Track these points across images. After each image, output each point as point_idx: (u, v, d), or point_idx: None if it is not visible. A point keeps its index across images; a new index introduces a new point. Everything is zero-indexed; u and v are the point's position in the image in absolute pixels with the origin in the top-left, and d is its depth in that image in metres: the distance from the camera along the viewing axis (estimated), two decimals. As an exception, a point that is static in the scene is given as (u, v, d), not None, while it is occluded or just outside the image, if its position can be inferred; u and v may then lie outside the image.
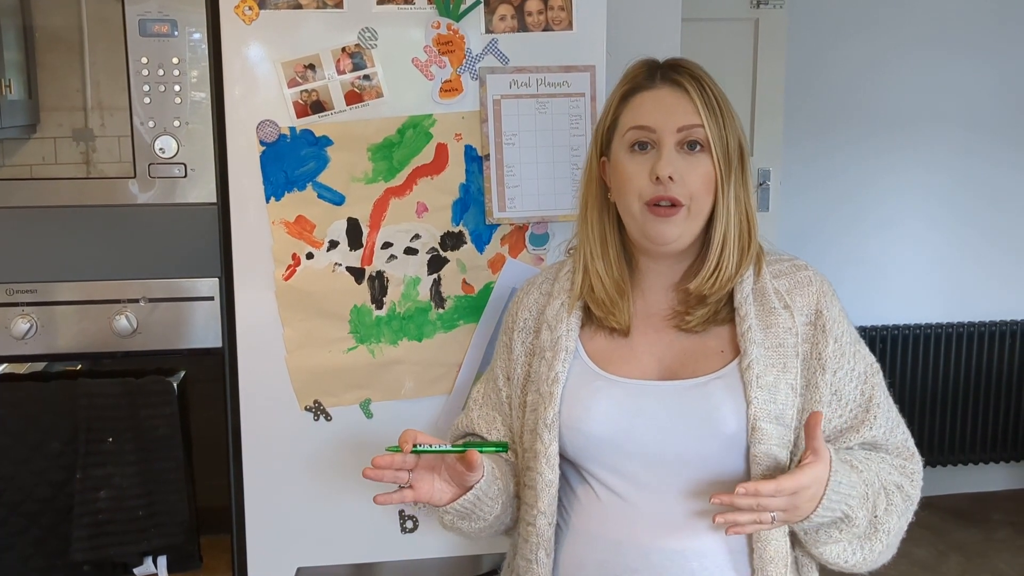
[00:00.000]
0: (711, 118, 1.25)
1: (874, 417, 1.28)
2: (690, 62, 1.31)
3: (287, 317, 1.61)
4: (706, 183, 1.25)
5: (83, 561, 1.62)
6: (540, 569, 1.29)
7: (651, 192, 1.24)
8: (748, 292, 1.28)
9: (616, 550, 1.25)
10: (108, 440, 1.60)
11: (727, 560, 1.23)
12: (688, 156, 1.25)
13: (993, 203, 3.61)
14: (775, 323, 1.27)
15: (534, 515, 1.29)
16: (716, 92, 1.27)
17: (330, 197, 1.60)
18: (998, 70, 3.54)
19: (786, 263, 1.33)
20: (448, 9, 1.57)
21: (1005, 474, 3.77)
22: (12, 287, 1.61)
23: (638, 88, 1.29)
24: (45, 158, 1.64)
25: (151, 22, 1.57)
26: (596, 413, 1.26)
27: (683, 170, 1.24)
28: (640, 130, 1.26)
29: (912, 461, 1.31)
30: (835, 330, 1.28)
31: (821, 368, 1.26)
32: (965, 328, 3.59)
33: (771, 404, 1.22)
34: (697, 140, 1.25)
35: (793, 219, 3.48)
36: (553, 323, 1.34)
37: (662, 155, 1.24)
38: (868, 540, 1.24)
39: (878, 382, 1.30)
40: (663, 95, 1.28)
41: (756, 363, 1.23)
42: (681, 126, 1.25)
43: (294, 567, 1.68)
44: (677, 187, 1.24)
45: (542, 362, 1.32)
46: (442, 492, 1.26)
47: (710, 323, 1.29)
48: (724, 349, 1.27)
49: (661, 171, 1.23)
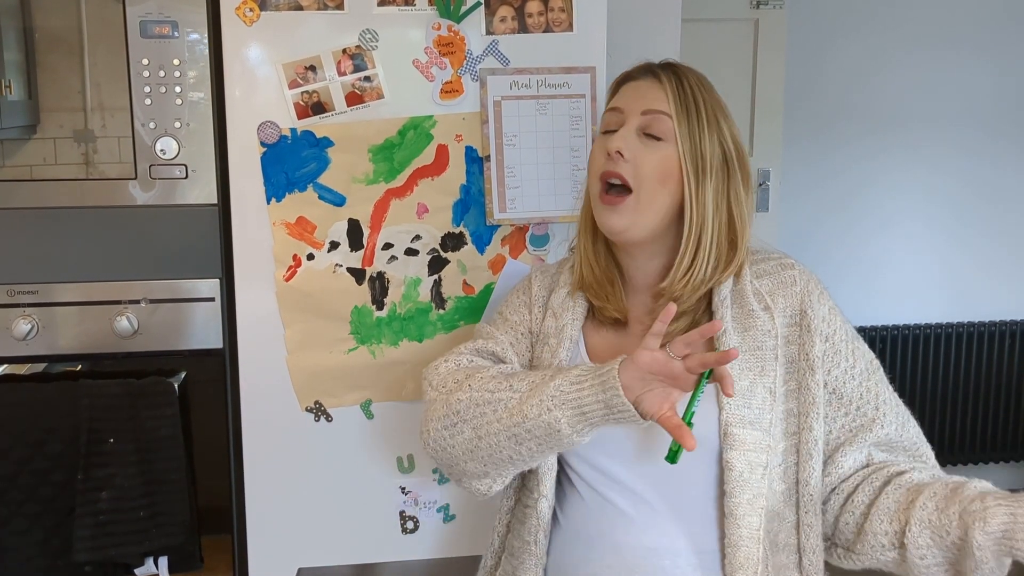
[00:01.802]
0: (682, 113, 1.25)
1: (883, 415, 1.27)
2: (685, 66, 1.31)
3: (288, 318, 1.61)
4: (660, 172, 1.24)
5: (85, 561, 1.62)
6: (538, 550, 1.30)
7: (602, 167, 1.26)
8: (726, 295, 1.28)
9: (593, 546, 1.26)
10: (109, 441, 1.60)
11: (697, 561, 1.23)
12: (648, 141, 1.25)
13: (993, 202, 3.61)
14: (753, 325, 1.26)
15: (535, 498, 1.31)
16: (697, 93, 1.26)
17: (331, 198, 1.60)
18: (998, 69, 3.54)
19: (772, 262, 1.32)
20: (449, 10, 1.58)
21: (1005, 474, 3.77)
22: (13, 288, 1.61)
23: (626, 79, 1.33)
24: (46, 159, 1.64)
25: (152, 23, 1.57)
26: None
27: (637, 151, 1.24)
28: (611, 112, 1.29)
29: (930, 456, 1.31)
30: (823, 329, 1.27)
31: (810, 369, 1.25)
32: (964, 328, 3.59)
33: (745, 409, 1.22)
34: (661, 132, 1.25)
35: (793, 219, 3.48)
36: (558, 311, 1.35)
37: (618, 132, 1.26)
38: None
39: (880, 378, 1.30)
40: (641, 84, 1.30)
41: (729, 367, 1.21)
42: (646, 109, 1.26)
43: (295, 567, 1.68)
44: (627, 166, 1.24)
45: (545, 348, 1.33)
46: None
47: (693, 325, 1.27)
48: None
49: (611, 145, 1.24)
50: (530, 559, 1.31)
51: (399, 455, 1.68)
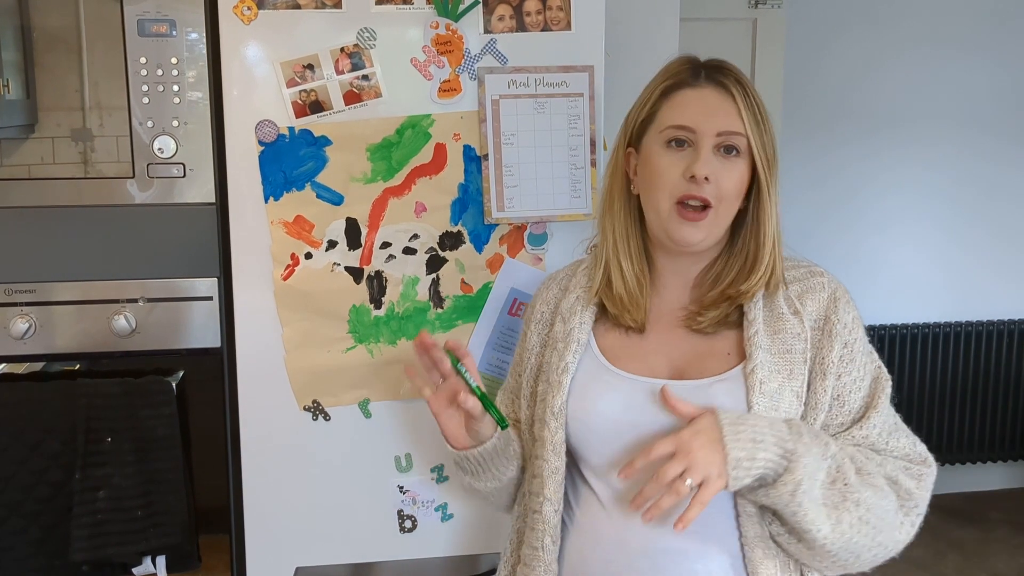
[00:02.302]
0: (753, 125, 1.26)
1: (867, 418, 1.27)
2: (733, 66, 1.30)
3: (286, 317, 1.61)
4: (738, 188, 1.26)
5: (82, 561, 1.62)
6: (546, 556, 1.30)
7: (683, 189, 1.25)
8: (759, 296, 1.29)
9: (619, 548, 1.25)
10: (107, 440, 1.60)
11: (728, 563, 1.23)
12: (724, 159, 1.26)
13: (993, 201, 3.61)
14: (783, 328, 1.27)
15: (540, 502, 1.30)
16: (758, 99, 1.27)
17: (329, 197, 1.60)
18: (996, 67, 3.54)
19: (803, 269, 1.34)
20: (447, 9, 1.57)
21: (1003, 473, 3.78)
22: (11, 287, 1.61)
23: (681, 85, 1.29)
24: (43, 158, 1.64)
25: (149, 22, 1.57)
26: (601, 407, 1.27)
27: (719, 172, 1.24)
28: (680, 129, 1.26)
29: (924, 465, 1.29)
30: (844, 335, 1.27)
31: (822, 373, 1.25)
32: (963, 327, 3.59)
33: (773, 411, 1.22)
34: (735, 146, 1.26)
35: (792, 218, 3.42)
36: (567, 315, 1.35)
37: (700, 155, 1.24)
38: (836, 509, 1.18)
39: (881, 391, 1.29)
40: (707, 95, 1.27)
41: (760, 368, 1.23)
42: (722, 131, 1.25)
43: (293, 567, 1.68)
44: (711, 188, 1.24)
45: (554, 352, 1.33)
46: (459, 433, 1.35)
47: (721, 325, 1.29)
48: (731, 352, 1.27)
49: (699, 170, 1.23)
50: (539, 565, 1.30)
51: (397, 454, 1.68)
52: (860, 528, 1.19)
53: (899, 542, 1.25)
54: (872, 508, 1.20)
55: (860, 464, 1.23)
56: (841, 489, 1.19)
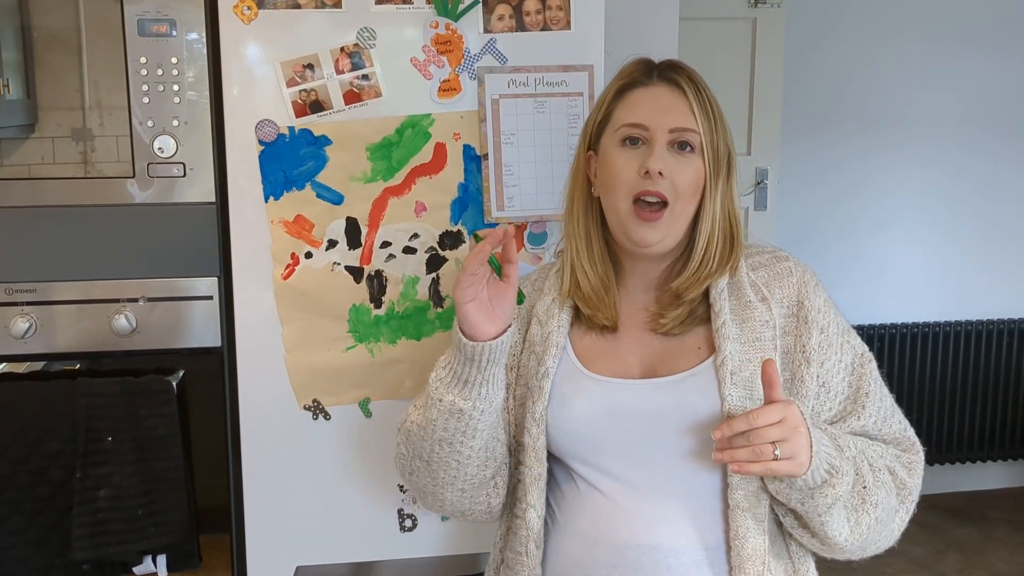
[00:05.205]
0: (705, 122, 1.26)
1: (862, 407, 1.28)
2: (687, 65, 1.31)
3: (286, 316, 1.61)
4: (694, 184, 1.27)
5: (83, 560, 1.62)
6: (530, 561, 1.30)
7: (639, 186, 1.25)
8: (723, 287, 1.29)
9: (595, 546, 1.26)
10: (107, 439, 1.60)
11: (703, 557, 1.23)
12: (678, 155, 1.27)
13: (992, 199, 3.61)
14: (751, 317, 1.27)
15: (523, 508, 1.31)
16: (710, 97, 1.28)
17: (329, 196, 1.60)
18: (996, 65, 3.54)
19: (767, 255, 1.34)
20: (446, 9, 1.58)
21: (1003, 472, 3.78)
22: (11, 287, 1.61)
23: (634, 84, 1.31)
24: (44, 158, 1.65)
25: (150, 22, 1.57)
26: (576, 411, 1.28)
27: (673, 168, 1.25)
28: (633, 127, 1.27)
29: (911, 452, 1.31)
30: (819, 320, 1.27)
31: (806, 361, 1.26)
32: (963, 327, 3.59)
33: (747, 400, 1.22)
34: (688, 142, 1.26)
35: (791, 217, 3.48)
36: (544, 319, 1.35)
37: (654, 151, 1.25)
38: (855, 511, 1.21)
39: (868, 371, 1.30)
40: (659, 93, 1.29)
41: (730, 359, 1.23)
42: (674, 127, 1.26)
43: (293, 566, 1.69)
44: (665, 183, 1.25)
45: (532, 357, 1.33)
46: (481, 324, 1.21)
47: (688, 323, 1.29)
48: (701, 347, 1.28)
49: (652, 165, 1.24)
50: (523, 570, 1.30)
51: (397, 453, 1.68)
52: (874, 527, 1.23)
53: (896, 531, 1.29)
54: (883, 507, 1.24)
55: (872, 460, 1.24)
56: (860, 492, 1.21)
